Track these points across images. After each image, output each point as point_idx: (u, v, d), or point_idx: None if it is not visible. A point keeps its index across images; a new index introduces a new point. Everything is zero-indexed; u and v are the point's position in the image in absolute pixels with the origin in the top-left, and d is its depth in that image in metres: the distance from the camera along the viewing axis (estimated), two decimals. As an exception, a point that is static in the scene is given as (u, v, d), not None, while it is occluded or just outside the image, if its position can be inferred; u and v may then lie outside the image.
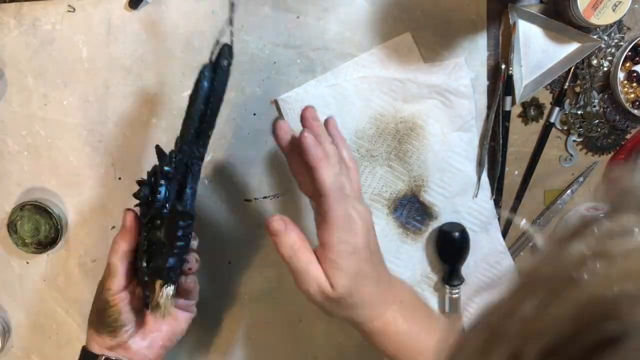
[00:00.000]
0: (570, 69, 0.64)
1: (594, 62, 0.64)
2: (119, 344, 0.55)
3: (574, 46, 0.64)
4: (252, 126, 0.66)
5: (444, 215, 0.67)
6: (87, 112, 0.66)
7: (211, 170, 0.68)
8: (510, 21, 0.63)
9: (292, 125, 0.65)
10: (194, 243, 0.58)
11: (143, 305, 0.55)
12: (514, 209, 0.69)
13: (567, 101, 0.66)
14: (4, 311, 0.72)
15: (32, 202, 0.66)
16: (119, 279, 0.54)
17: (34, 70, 0.66)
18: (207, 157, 0.67)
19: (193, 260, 0.57)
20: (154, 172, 0.53)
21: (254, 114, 0.66)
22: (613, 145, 0.67)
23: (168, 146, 0.66)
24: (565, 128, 0.67)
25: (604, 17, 0.58)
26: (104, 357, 0.55)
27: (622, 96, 0.63)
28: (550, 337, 0.20)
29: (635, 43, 0.63)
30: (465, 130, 0.65)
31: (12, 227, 0.67)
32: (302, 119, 0.54)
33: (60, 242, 0.68)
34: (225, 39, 0.51)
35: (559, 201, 0.68)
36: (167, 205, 0.51)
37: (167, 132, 0.66)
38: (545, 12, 0.63)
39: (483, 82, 0.65)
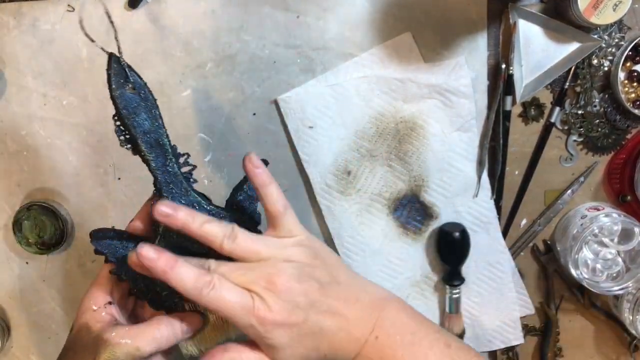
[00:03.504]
0: (570, 69, 0.64)
1: (595, 61, 0.64)
2: None
3: (574, 46, 0.64)
4: (252, 126, 0.66)
5: (444, 215, 0.67)
6: (87, 112, 0.66)
7: (211, 170, 0.68)
8: (511, 21, 0.63)
9: (292, 125, 0.65)
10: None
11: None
12: (514, 209, 0.69)
13: (568, 101, 0.66)
14: (4, 311, 0.72)
15: (39, 202, 0.66)
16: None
17: (34, 70, 0.66)
18: (207, 157, 0.67)
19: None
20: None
21: (254, 114, 0.66)
22: (613, 145, 0.67)
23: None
24: (566, 128, 0.66)
25: (604, 17, 0.58)
26: None
27: (622, 96, 0.63)
28: None
29: (636, 43, 0.62)
30: (465, 130, 0.65)
31: (17, 225, 0.67)
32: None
33: (63, 244, 0.68)
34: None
35: (559, 201, 0.68)
36: None
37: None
38: (545, 12, 0.63)
39: (483, 82, 0.65)
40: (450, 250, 0.66)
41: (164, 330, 0.45)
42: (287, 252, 0.46)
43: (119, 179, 0.68)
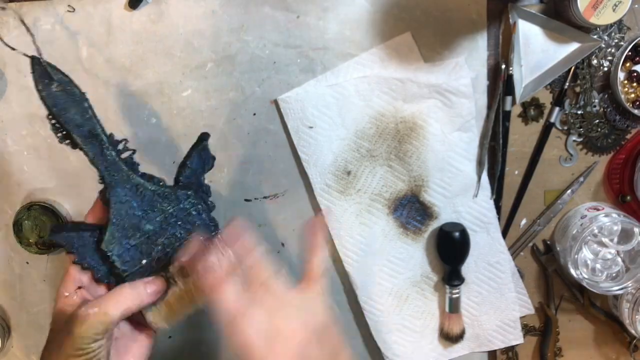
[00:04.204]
0: (570, 69, 0.64)
1: (594, 62, 0.64)
2: None
3: (574, 46, 0.64)
4: (252, 126, 0.66)
5: (444, 215, 0.67)
6: (87, 112, 0.66)
7: (211, 170, 0.67)
8: (511, 21, 0.63)
9: (292, 125, 0.65)
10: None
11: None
12: (514, 209, 0.69)
13: (567, 101, 0.66)
14: (4, 311, 0.72)
15: (39, 202, 0.66)
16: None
17: (34, 70, 0.65)
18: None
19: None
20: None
21: (254, 114, 0.66)
22: (613, 145, 0.67)
23: (167, 146, 0.66)
24: (566, 128, 0.67)
25: (604, 17, 0.58)
26: None
27: (622, 96, 0.63)
28: None
29: (636, 43, 0.62)
30: (465, 130, 0.65)
31: (17, 226, 0.67)
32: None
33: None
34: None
35: (559, 201, 0.68)
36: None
37: (167, 132, 0.66)
38: (545, 12, 0.63)
39: (483, 82, 0.65)
40: (450, 250, 0.67)
41: (128, 293, 0.48)
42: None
43: (119, 179, 0.68)
